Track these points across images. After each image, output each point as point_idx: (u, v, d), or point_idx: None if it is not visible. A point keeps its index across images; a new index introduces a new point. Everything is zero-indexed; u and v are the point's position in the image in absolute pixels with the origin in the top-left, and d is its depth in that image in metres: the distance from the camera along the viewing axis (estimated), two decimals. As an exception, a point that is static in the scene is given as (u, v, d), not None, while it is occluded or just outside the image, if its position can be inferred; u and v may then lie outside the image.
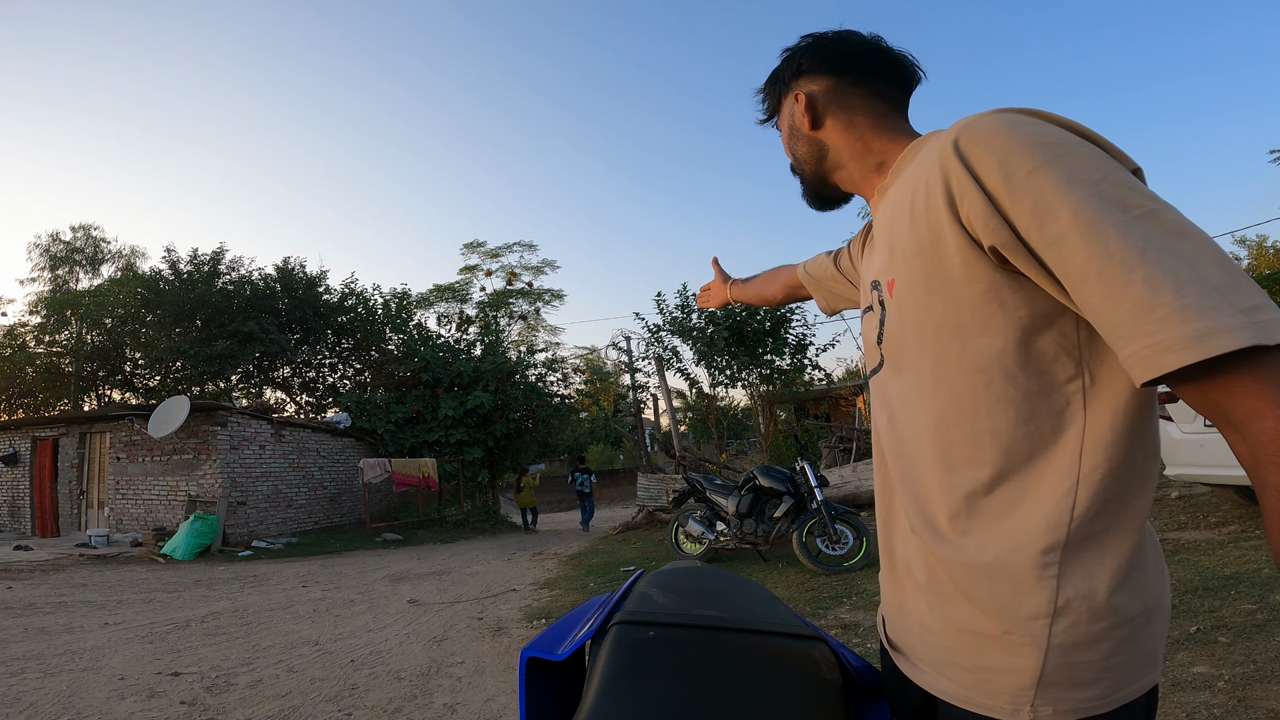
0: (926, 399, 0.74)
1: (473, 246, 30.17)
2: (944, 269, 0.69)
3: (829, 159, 0.94)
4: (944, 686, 0.72)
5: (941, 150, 0.68)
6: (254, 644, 4.77)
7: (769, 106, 1.03)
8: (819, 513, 6.13)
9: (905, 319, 0.75)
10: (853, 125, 0.91)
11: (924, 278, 0.71)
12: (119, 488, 12.98)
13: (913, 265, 0.73)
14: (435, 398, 16.67)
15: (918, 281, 0.72)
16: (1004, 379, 0.67)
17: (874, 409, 0.88)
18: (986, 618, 0.68)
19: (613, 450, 36.21)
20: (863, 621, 4.26)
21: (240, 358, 17.48)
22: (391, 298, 21.22)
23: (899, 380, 0.79)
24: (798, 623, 0.87)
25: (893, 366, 0.81)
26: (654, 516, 11.36)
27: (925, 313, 0.72)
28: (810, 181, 0.99)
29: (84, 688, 3.76)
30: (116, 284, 21.25)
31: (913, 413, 0.76)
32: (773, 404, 15.89)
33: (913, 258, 0.73)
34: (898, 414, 0.79)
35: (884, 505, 0.84)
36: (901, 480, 0.79)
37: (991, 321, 0.67)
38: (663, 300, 15.51)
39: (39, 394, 20.89)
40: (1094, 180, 0.59)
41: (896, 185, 0.82)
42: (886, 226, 0.80)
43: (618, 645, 0.72)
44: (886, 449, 0.82)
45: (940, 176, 0.67)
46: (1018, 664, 0.66)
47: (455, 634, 4.94)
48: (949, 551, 0.71)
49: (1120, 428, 0.65)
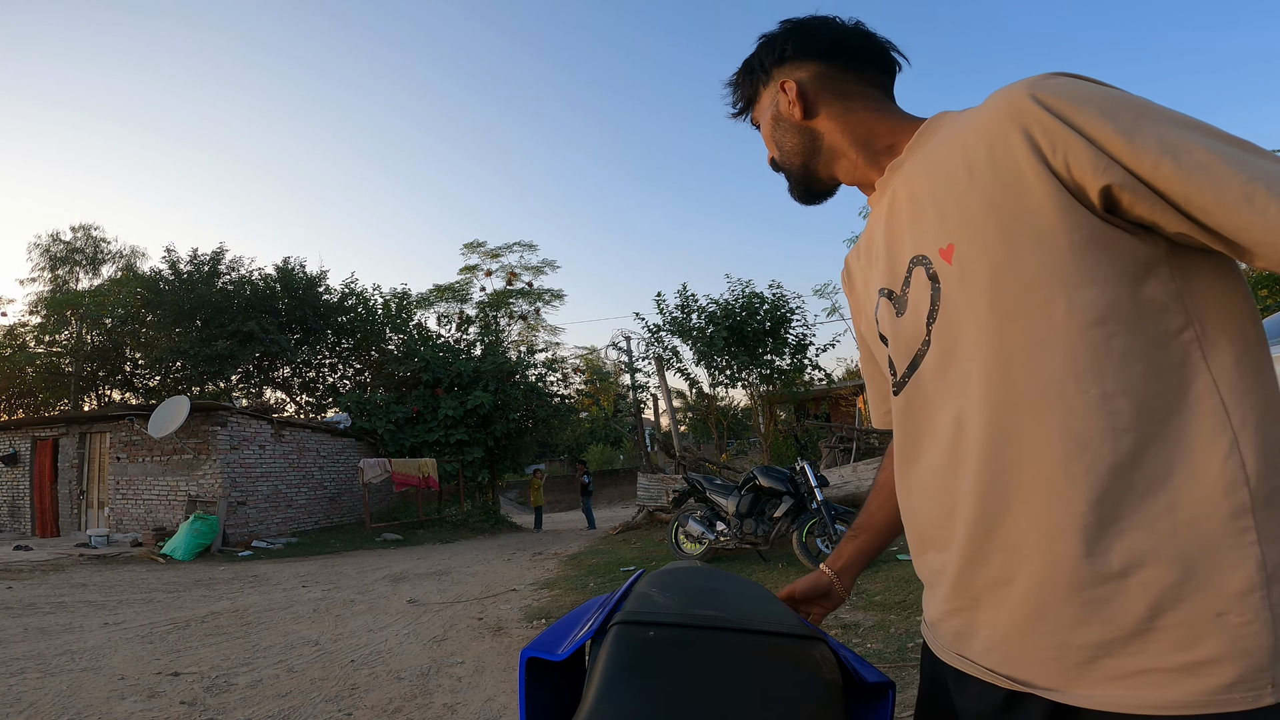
0: (1022, 371, 0.65)
1: (473, 246, 30.20)
2: (1031, 220, 0.65)
3: (824, 149, 0.90)
4: (1141, 698, 0.61)
5: (1010, 107, 0.66)
6: (254, 644, 4.76)
7: (743, 98, 0.97)
8: (819, 513, 6.13)
9: (976, 283, 0.68)
10: (850, 111, 0.87)
11: (1003, 233, 0.66)
12: (119, 488, 12.98)
13: (983, 223, 0.68)
14: (435, 398, 16.68)
15: (993, 238, 0.67)
16: (1126, 330, 0.63)
17: (916, 411, 0.78)
18: (1187, 606, 0.60)
19: (613, 450, 36.24)
20: (862, 621, 4.26)
21: (240, 358, 17.49)
22: (391, 298, 21.25)
23: (962, 363, 0.70)
24: (798, 623, 0.87)
25: (946, 349, 0.72)
26: (654, 516, 11.36)
27: (1010, 270, 0.66)
28: (799, 175, 0.94)
29: (84, 688, 3.76)
30: (116, 284, 21.27)
31: (996, 395, 0.67)
32: (773, 404, 15.90)
33: (981, 215, 0.68)
34: (970, 404, 0.69)
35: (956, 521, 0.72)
36: (995, 482, 0.67)
37: (1098, 270, 0.63)
38: (662, 300, 15.54)
39: (39, 394, 20.89)
40: (1193, 121, 0.61)
41: (922, 155, 0.78)
42: (925, 195, 0.75)
43: (618, 645, 0.72)
44: (959, 452, 0.71)
45: (1017, 130, 0.65)
46: (1245, 645, 0.58)
47: (455, 634, 4.94)
48: (1112, 542, 0.61)
49: (1250, 377, 0.62)
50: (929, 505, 0.76)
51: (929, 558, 0.79)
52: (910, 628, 3.95)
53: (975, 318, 0.69)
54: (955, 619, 0.74)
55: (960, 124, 0.73)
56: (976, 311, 0.68)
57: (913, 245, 0.77)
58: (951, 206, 0.71)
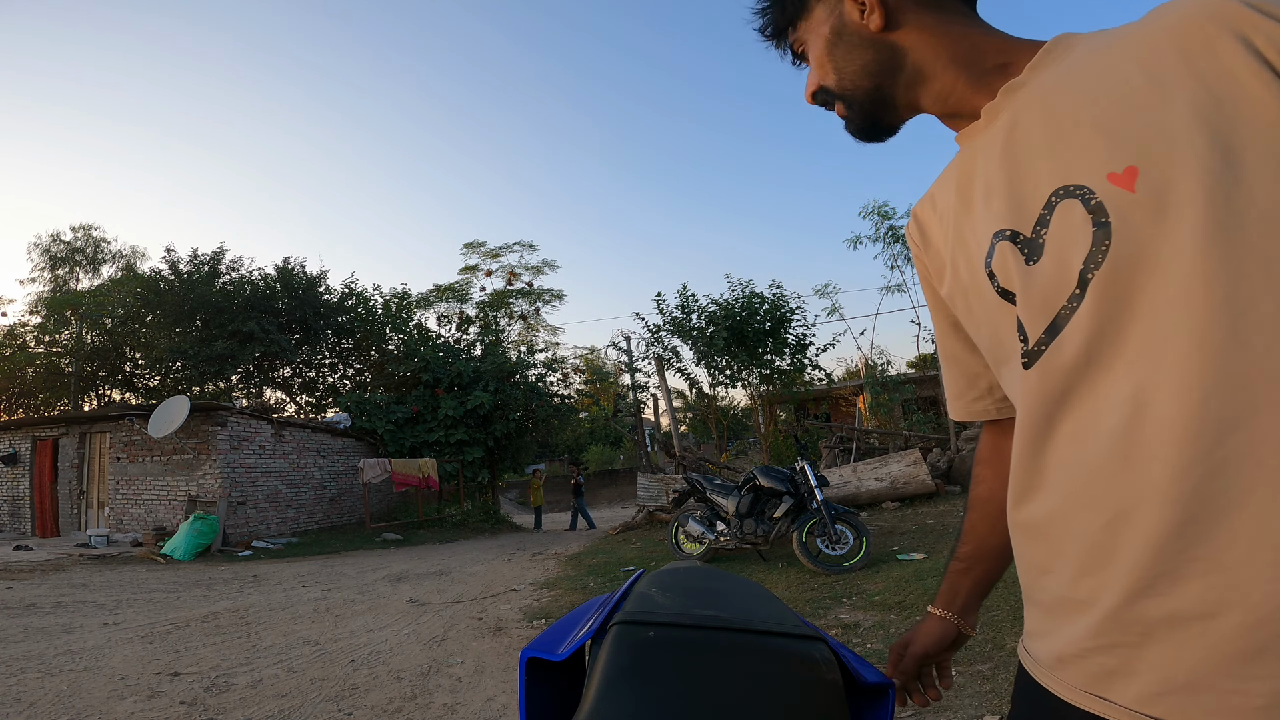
0: (1260, 333, 0.50)
1: (473, 246, 30.22)
2: (1262, 135, 0.51)
3: (907, 68, 0.74)
4: None
5: (1212, 11, 0.54)
6: (254, 644, 4.77)
7: (784, 14, 0.81)
8: (819, 513, 6.13)
9: (1182, 214, 0.53)
10: (947, 23, 0.73)
11: (1223, 150, 0.52)
12: (119, 488, 12.98)
13: (1188, 139, 0.53)
14: (435, 398, 16.69)
15: (1210, 157, 0.52)
16: None
17: (1058, 389, 0.61)
18: None
19: (613, 450, 36.24)
20: (862, 621, 4.26)
21: (240, 358, 17.49)
22: (391, 298, 21.25)
23: (1149, 322, 0.54)
24: (797, 622, 0.87)
25: (1117, 304, 0.56)
26: (654, 516, 11.37)
27: (1234, 195, 0.51)
28: (867, 101, 0.77)
29: (84, 688, 3.76)
30: (116, 284, 21.28)
31: (1216, 365, 0.51)
32: (773, 404, 15.91)
33: (1185, 130, 0.53)
34: (1164, 377, 0.53)
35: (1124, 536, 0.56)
36: (1205, 486, 0.51)
37: None
38: (663, 300, 15.55)
39: (39, 394, 20.90)
40: None
41: (1061, 72, 0.64)
42: (1074, 114, 0.60)
43: (618, 645, 0.72)
44: (1137, 444, 0.54)
45: (1225, 35, 0.53)
46: None
47: (455, 634, 4.94)
48: None
49: None
50: (1074, 516, 0.60)
51: (1064, 579, 0.62)
52: (910, 628, 3.96)
53: (1178, 260, 0.53)
54: (1105, 656, 0.58)
55: (1119, 37, 0.61)
56: (1180, 252, 0.53)
57: (1058, 174, 0.61)
58: (1128, 123, 0.56)
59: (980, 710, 2.72)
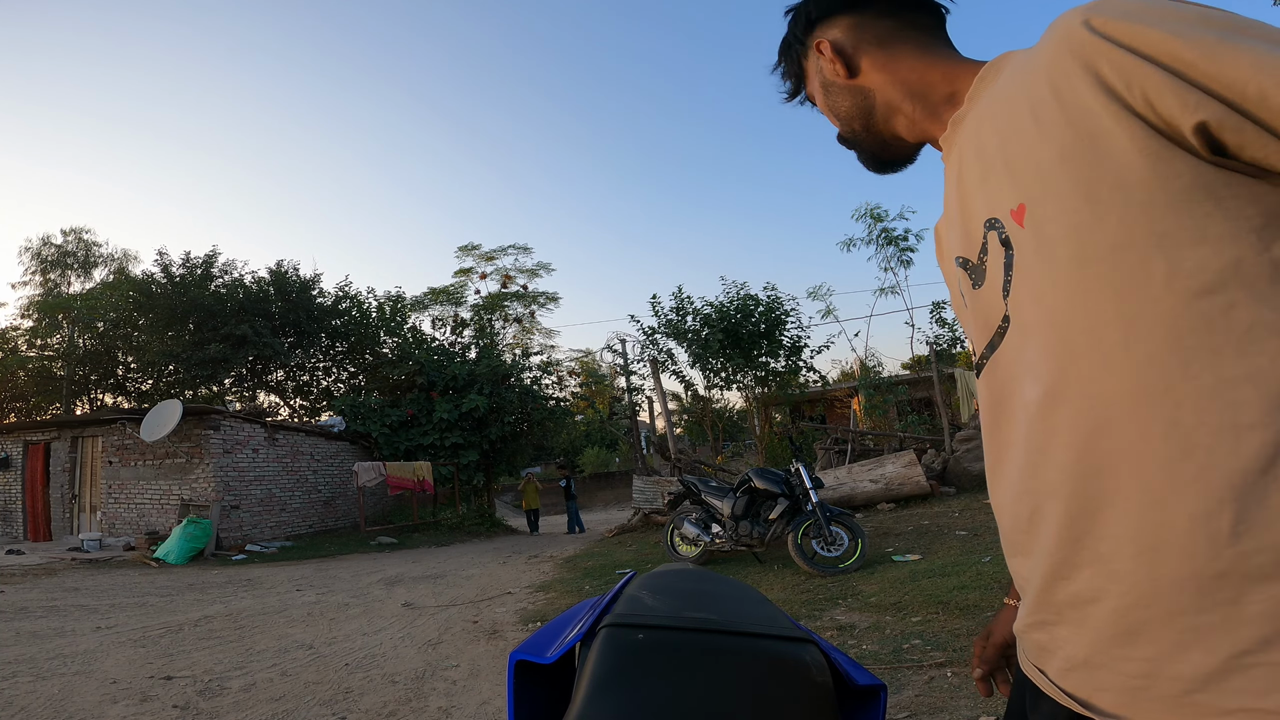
0: (1112, 354, 0.55)
1: (467, 249, 30.15)
2: (1112, 170, 0.54)
3: (879, 105, 0.81)
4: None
5: (1068, 41, 0.56)
6: (247, 648, 4.74)
7: (790, 78, 0.90)
8: (814, 514, 6.14)
9: (1053, 247, 0.58)
10: (896, 59, 0.79)
11: (1081, 186, 0.56)
12: (111, 492, 12.91)
13: (1055, 176, 0.57)
14: (430, 401, 16.65)
15: (1069, 193, 0.56)
16: (1251, 300, 0.50)
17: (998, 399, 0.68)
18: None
19: (608, 453, 36.22)
20: (858, 623, 4.26)
21: (233, 361, 17.43)
22: (386, 301, 21.23)
23: (1040, 341, 0.60)
24: (788, 625, 0.87)
25: (1023, 325, 0.62)
26: (650, 519, 11.36)
27: (1091, 230, 0.55)
28: (865, 140, 0.85)
29: (76, 692, 3.74)
30: (108, 287, 21.21)
31: (1083, 382, 0.57)
32: (768, 406, 15.93)
33: (1053, 167, 0.57)
34: (1053, 392, 0.59)
35: (1039, 528, 0.63)
36: (1083, 486, 0.57)
37: (1208, 226, 0.52)
38: (658, 303, 15.56)
39: (31, 398, 20.81)
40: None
41: (985, 104, 0.68)
42: (992, 149, 0.65)
43: (606, 648, 0.72)
44: (1042, 450, 0.61)
45: (1079, 68, 0.55)
46: None
47: (450, 637, 4.92)
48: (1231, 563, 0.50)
49: None
50: (1012, 507, 0.67)
51: (1015, 563, 0.70)
52: (906, 629, 3.96)
53: (1054, 288, 0.58)
54: (1038, 633, 0.66)
55: (1021, 64, 0.64)
56: (1055, 281, 0.58)
57: (987, 207, 0.66)
58: (1022, 161, 0.61)
59: (975, 711, 2.72)
